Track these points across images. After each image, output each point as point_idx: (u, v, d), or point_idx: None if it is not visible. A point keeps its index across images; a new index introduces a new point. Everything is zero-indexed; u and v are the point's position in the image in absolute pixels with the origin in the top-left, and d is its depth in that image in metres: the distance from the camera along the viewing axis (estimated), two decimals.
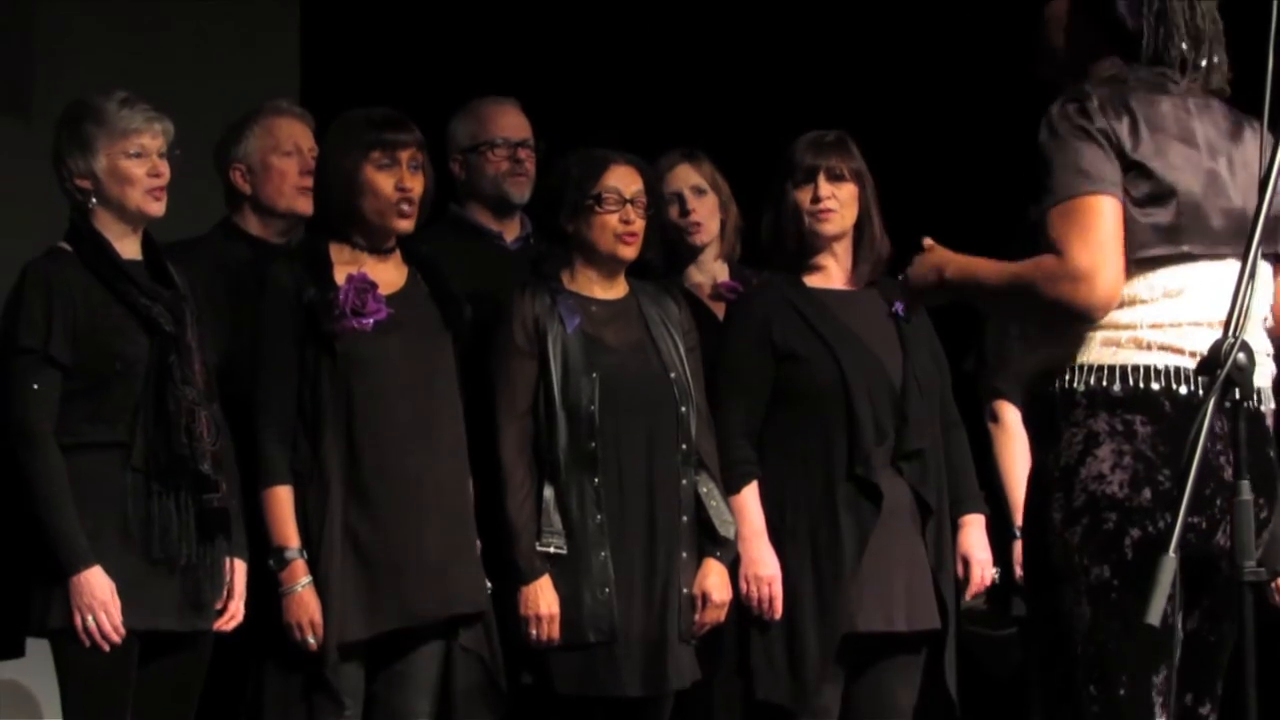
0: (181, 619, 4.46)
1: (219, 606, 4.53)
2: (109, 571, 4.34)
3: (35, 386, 4.38)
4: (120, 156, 4.48)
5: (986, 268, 3.53)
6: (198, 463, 4.42)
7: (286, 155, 5.08)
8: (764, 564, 4.95)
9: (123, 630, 4.34)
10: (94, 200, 4.49)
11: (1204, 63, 3.57)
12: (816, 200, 5.02)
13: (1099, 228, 3.41)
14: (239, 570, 4.57)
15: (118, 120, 4.49)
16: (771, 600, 4.94)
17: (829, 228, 5.04)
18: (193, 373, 4.46)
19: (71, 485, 4.36)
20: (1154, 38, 3.55)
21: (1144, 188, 3.44)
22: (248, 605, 4.59)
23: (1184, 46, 3.55)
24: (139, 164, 4.49)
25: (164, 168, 4.52)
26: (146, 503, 4.41)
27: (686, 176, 5.44)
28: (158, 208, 4.52)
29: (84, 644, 4.33)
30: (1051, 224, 3.42)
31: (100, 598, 4.32)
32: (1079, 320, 3.45)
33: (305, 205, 5.04)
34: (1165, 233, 3.45)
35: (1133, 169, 3.44)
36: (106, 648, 4.33)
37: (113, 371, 4.42)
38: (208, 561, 4.48)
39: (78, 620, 4.32)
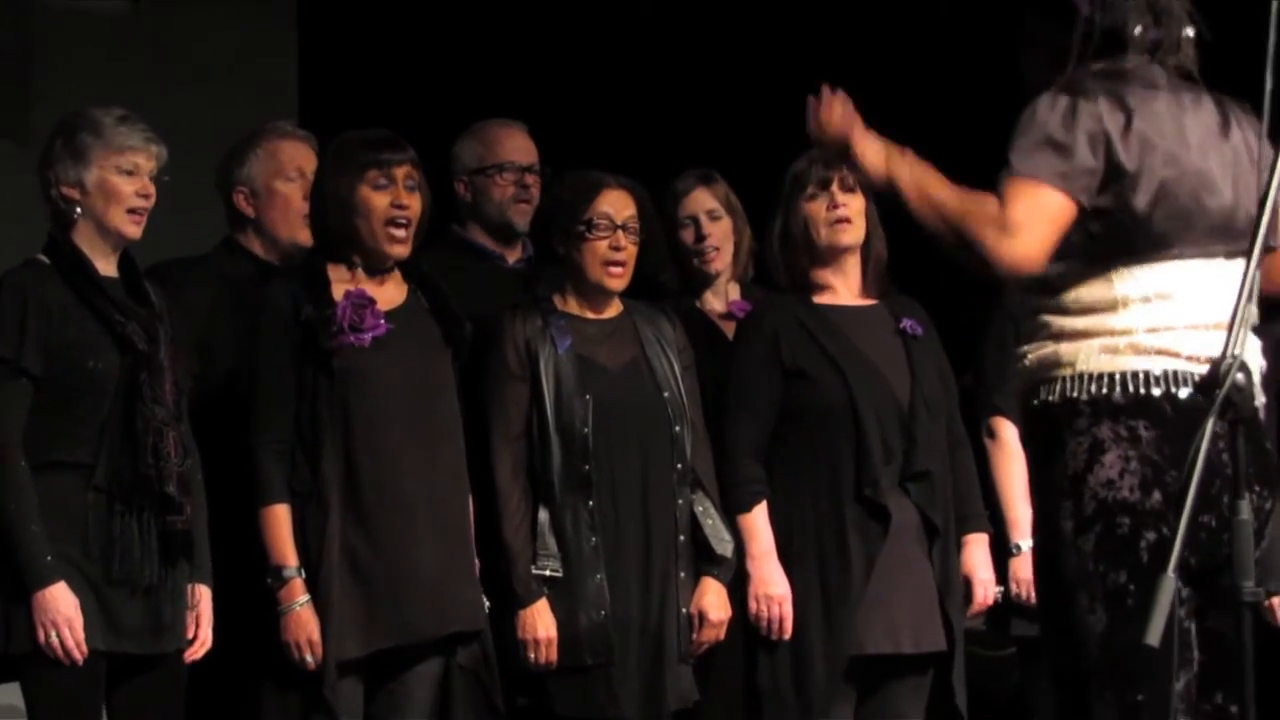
0: (143, 642, 4.43)
1: (190, 636, 4.51)
2: (72, 592, 4.32)
3: (4, 396, 4.36)
4: (112, 171, 4.47)
5: (937, 182, 3.51)
6: (162, 484, 4.39)
7: (290, 181, 5.03)
8: (774, 583, 4.94)
9: (85, 648, 4.30)
10: (78, 211, 4.48)
11: (1176, 40, 3.58)
12: (834, 208, 5.02)
13: (1045, 212, 3.42)
14: (204, 596, 4.54)
15: (114, 135, 4.48)
16: (782, 620, 4.93)
17: (847, 238, 5.03)
18: (163, 392, 4.43)
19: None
20: (1113, 22, 3.56)
21: (1131, 193, 3.45)
22: (246, 624, 4.58)
23: (1140, 28, 3.57)
24: (129, 181, 4.48)
25: (151, 189, 4.51)
26: (108, 523, 4.38)
27: (702, 201, 5.42)
28: (135, 231, 4.50)
29: (48, 661, 4.29)
30: (1009, 184, 3.44)
31: (65, 614, 4.29)
32: (980, 268, 3.45)
33: (306, 236, 5.02)
34: (1154, 238, 3.47)
35: (1121, 176, 3.45)
36: (68, 663, 4.30)
37: (82, 387, 4.39)
38: (169, 584, 4.45)
39: (41, 637, 4.28)
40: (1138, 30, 3.56)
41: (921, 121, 6.75)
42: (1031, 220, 3.41)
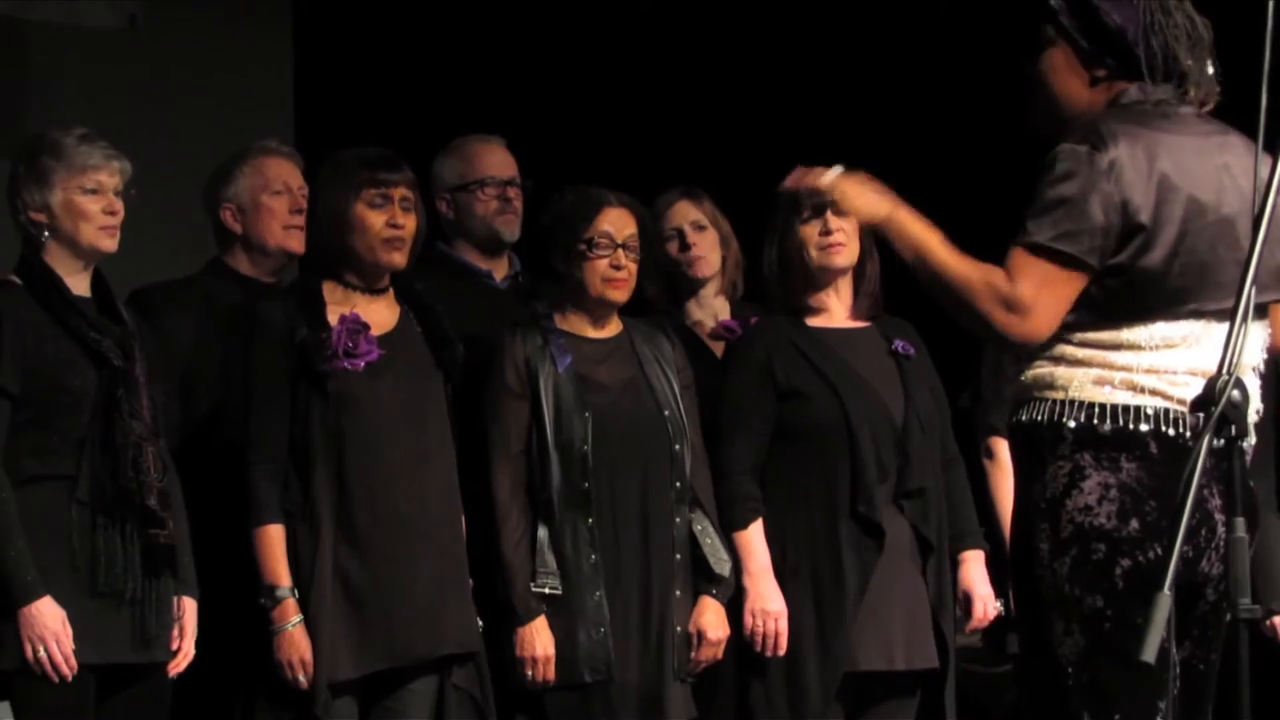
0: (133, 651, 4.42)
1: (174, 647, 4.51)
2: (58, 606, 4.31)
3: None
4: (76, 192, 4.46)
5: (938, 243, 3.53)
6: (144, 497, 4.39)
7: (277, 194, 5.07)
8: (770, 599, 4.93)
9: (74, 662, 4.30)
10: (47, 234, 4.47)
11: (1208, 73, 3.56)
12: (827, 233, 5.02)
13: (1055, 282, 3.43)
14: (188, 609, 4.54)
15: (75, 155, 4.47)
16: (777, 636, 4.93)
17: (840, 260, 5.04)
18: (140, 407, 4.44)
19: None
20: (1157, 51, 3.53)
21: (1147, 250, 3.43)
22: (238, 644, 4.57)
23: (1185, 58, 3.54)
24: (94, 200, 4.47)
25: (119, 205, 4.50)
26: (92, 536, 4.38)
27: (686, 212, 5.45)
28: (110, 244, 4.50)
29: (37, 676, 4.28)
30: (1018, 254, 3.44)
31: (52, 627, 4.29)
32: (995, 342, 3.50)
33: (295, 244, 5.05)
34: (1170, 293, 3.45)
35: (1137, 232, 3.43)
36: (56, 679, 4.29)
37: (60, 404, 4.39)
38: (153, 596, 4.45)
39: (28, 651, 4.28)
40: (1185, 59, 3.55)
41: (920, 125, 6.80)
42: (1041, 297, 3.42)
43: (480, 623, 4.72)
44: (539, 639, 4.77)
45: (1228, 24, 3.65)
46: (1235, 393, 2.94)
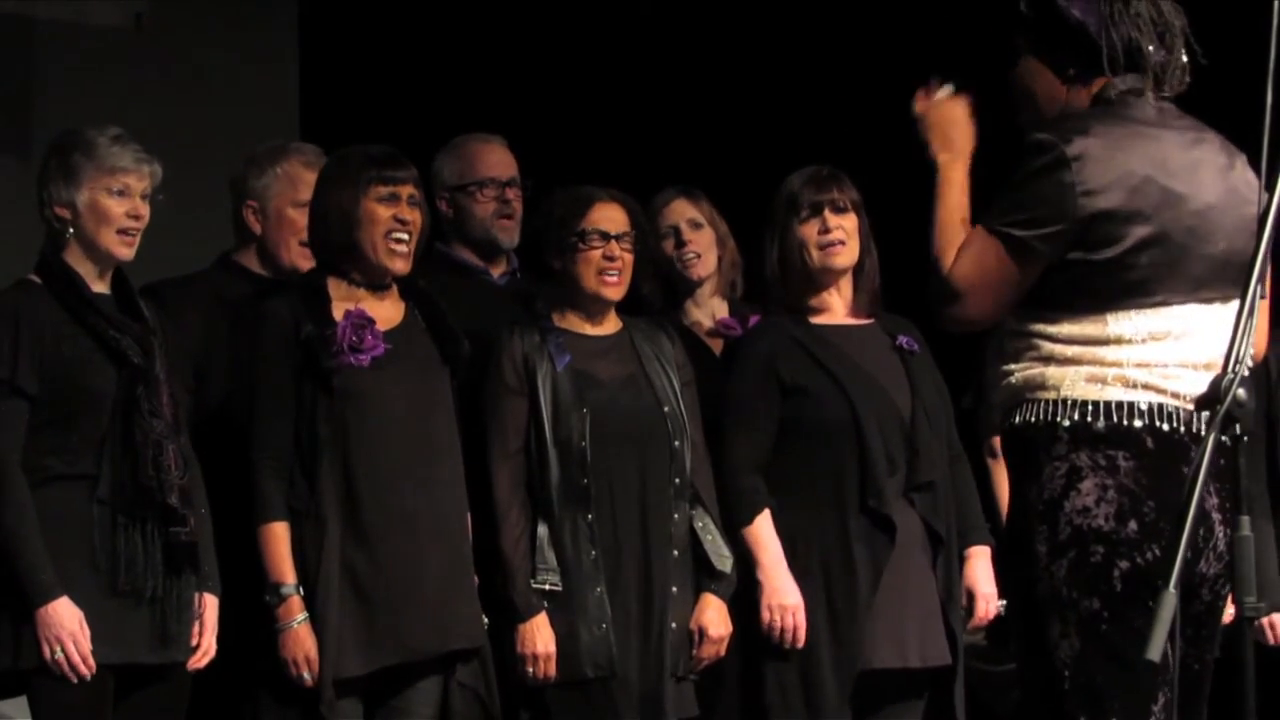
0: (152, 651, 4.43)
1: (194, 644, 4.51)
2: (77, 605, 4.31)
3: (0, 416, 4.35)
4: (103, 192, 4.46)
5: (951, 210, 3.57)
6: (164, 495, 4.39)
7: (301, 208, 4.95)
8: (787, 593, 4.91)
9: (92, 663, 4.30)
10: (71, 231, 4.47)
11: (1177, 61, 3.57)
12: (826, 232, 5.03)
13: (997, 265, 3.46)
14: (210, 605, 4.54)
15: (107, 156, 4.47)
16: (795, 630, 4.91)
17: (841, 261, 5.05)
18: (160, 405, 4.43)
19: (38, 520, 4.32)
20: (1118, 42, 3.56)
21: (1119, 240, 3.44)
22: (245, 641, 4.58)
23: (1151, 48, 3.56)
24: (120, 203, 4.47)
25: (144, 210, 4.49)
26: (113, 535, 4.38)
27: (683, 211, 5.45)
28: (127, 253, 4.50)
29: (55, 676, 4.29)
30: (972, 232, 3.49)
31: (69, 628, 4.29)
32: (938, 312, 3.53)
33: (308, 264, 4.98)
34: (1139, 285, 3.46)
35: (1108, 222, 3.44)
36: (75, 679, 4.30)
37: (80, 404, 4.39)
38: (174, 595, 4.45)
39: (46, 652, 4.28)
40: (1150, 49, 3.56)
41: (912, 139, 6.81)
42: (976, 283, 3.46)
43: (485, 619, 4.73)
44: (540, 636, 4.78)
45: (1228, 23, 3.66)
46: (1241, 390, 2.95)
